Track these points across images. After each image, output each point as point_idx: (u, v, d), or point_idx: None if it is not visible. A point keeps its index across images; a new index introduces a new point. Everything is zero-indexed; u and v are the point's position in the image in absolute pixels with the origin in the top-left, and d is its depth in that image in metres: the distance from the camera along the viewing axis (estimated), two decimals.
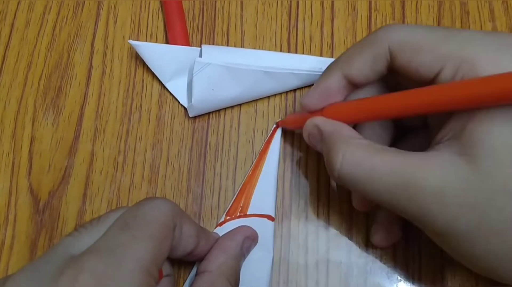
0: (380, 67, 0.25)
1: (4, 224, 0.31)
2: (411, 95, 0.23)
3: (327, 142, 0.25)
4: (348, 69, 0.25)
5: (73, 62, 0.35)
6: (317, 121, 0.27)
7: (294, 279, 0.30)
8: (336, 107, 0.26)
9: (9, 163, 0.32)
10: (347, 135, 0.25)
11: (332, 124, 0.26)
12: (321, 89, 0.26)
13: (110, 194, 0.32)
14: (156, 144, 0.33)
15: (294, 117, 0.31)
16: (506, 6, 0.36)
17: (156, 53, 0.33)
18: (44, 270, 0.21)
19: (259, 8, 0.36)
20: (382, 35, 0.24)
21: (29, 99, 0.34)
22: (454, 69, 0.22)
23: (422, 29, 0.23)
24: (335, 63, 0.26)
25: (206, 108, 0.32)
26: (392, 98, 0.24)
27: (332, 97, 0.26)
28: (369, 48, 0.24)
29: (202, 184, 0.32)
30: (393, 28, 0.24)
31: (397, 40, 0.23)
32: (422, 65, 0.23)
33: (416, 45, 0.23)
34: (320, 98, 0.27)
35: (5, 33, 0.35)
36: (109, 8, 0.36)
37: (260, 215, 0.30)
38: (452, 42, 0.22)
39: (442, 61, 0.22)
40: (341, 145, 0.24)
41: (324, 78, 0.26)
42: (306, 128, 0.27)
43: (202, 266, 0.27)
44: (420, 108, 0.22)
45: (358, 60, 0.25)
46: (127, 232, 0.22)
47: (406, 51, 0.23)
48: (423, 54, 0.23)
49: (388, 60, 0.24)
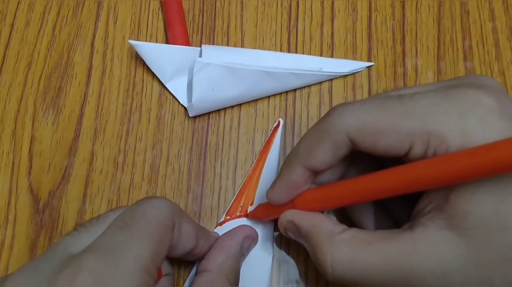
0: (342, 153, 0.23)
1: (4, 224, 0.31)
2: (385, 177, 0.22)
3: (308, 240, 0.24)
4: (310, 161, 0.24)
5: (73, 62, 0.35)
6: (291, 216, 0.26)
7: (294, 279, 0.30)
8: (308, 197, 0.25)
9: (9, 163, 0.32)
10: (328, 231, 0.24)
11: (308, 218, 0.25)
12: (286, 184, 0.25)
13: (110, 194, 0.32)
14: (156, 143, 0.33)
15: (264, 209, 0.29)
16: (506, 6, 0.36)
17: (156, 53, 0.33)
18: (43, 269, 0.21)
19: (259, 8, 0.36)
20: (337, 123, 0.23)
21: (29, 99, 0.34)
22: (424, 145, 0.21)
23: (375, 107, 0.22)
24: (294, 157, 0.25)
25: (206, 108, 0.32)
26: (367, 182, 0.23)
27: (298, 189, 0.25)
28: (326, 138, 0.23)
29: (202, 184, 0.32)
30: (345, 113, 0.23)
31: (355, 127, 0.22)
32: (389, 147, 0.22)
33: (376, 128, 0.22)
34: (287, 193, 0.26)
35: (5, 33, 0.35)
36: (109, 8, 0.36)
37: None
38: (413, 119, 0.21)
39: (409, 140, 0.21)
40: (326, 246, 0.23)
41: (286, 173, 0.25)
42: (281, 223, 0.26)
43: (202, 266, 0.27)
44: (396, 190, 0.21)
45: (318, 151, 0.24)
46: (126, 231, 0.22)
47: (367, 136, 0.22)
48: (387, 137, 0.22)
49: (350, 147, 0.23)
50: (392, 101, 0.22)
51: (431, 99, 0.21)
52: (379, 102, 0.22)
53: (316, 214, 0.25)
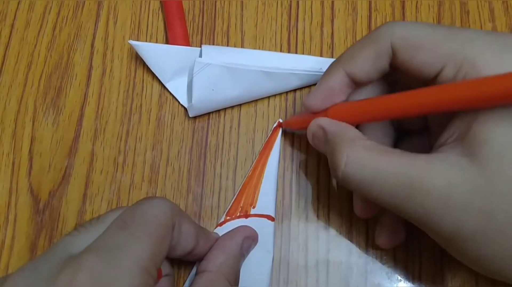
0: (383, 64, 0.24)
1: (4, 224, 0.31)
2: (415, 95, 0.22)
3: (331, 143, 0.25)
4: (351, 67, 0.25)
5: (73, 63, 0.35)
6: (322, 122, 0.26)
7: (294, 279, 0.30)
8: (341, 108, 0.26)
9: (9, 163, 0.32)
10: (352, 136, 0.25)
11: (336, 125, 0.26)
12: (324, 88, 0.26)
13: (110, 194, 0.32)
14: (156, 144, 0.33)
15: (297, 118, 0.30)
16: (506, 6, 0.36)
17: (156, 53, 0.33)
18: (43, 269, 0.21)
19: (259, 8, 0.36)
20: (384, 31, 0.24)
21: (29, 99, 0.34)
22: (456, 68, 0.22)
23: (425, 26, 0.23)
24: (337, 62, 0.26)
25: (206, 108, 0.32)
26: (396, 99, 0.23)
27: (335, 96, 0.26)
28: (371, 45, 0.24)
29: (202, 184, 0.32)
30: (396, 24, 0.24)
31: (400, 37, 0.23)
32: (423, 63, 0.23)
33: (418, 42, 0.23)
34: (323, 98, 0.26)
35: (5, 33, 0.35)
36: (109, 8, 0.36)
37: (260, 215, 0.30)
38: (454, 41, 0.22)
39: (444, 60, 0.22)
40: (345, 146, 0.24)
41: (326, 77, 0.26)
42: (310, 129, 0.27)
43: (202, 266, 0.27)
44: (425, 108, 0.22)
45: (360, 57, 0.25)
46: (126, 231, 0.22)
47: (408, 48, 0.23)
48: (425, 52, 0.23)
49: (391, 57, 0.24)
50: (442, 26, 0.23)
51: (478, 32, 0.22)
52: (430, 24, 0.24)
53: (345, 124, 0.26)
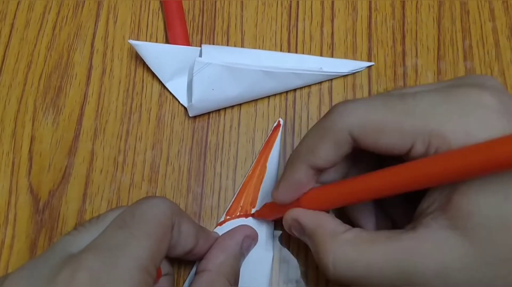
0: (344, 151, 0.23)
1: (4, 223, 0.31)
2: (390, 175, 0.22)
3: (312, 239, 0.24)
4: (313, 159, 0.24)
5: (73, 62, 0.35)
6: (296, 215, 0.26)
7: (294, 279, 0.30)
8: (313, 196, 0.25)
9: (9, 163, 0.32)
10: (331, 230, 0.24)
11: (312, 217, 0.25)
12: (290, 183, 0.25)
13: (110, 194, 0.32)
14: (156, 143, 0.33)
15: (269, 209, 0.29)
16: (506, 6, 0.36)
17: (156, 53, 0.33)
18: (43, 269, 0.21)
19: (259, 8, 0.36)
20: (339, 120, 0.23)
21: (29, 99, 0.34)
22: (425, 144, 0.21)
23: (378, 105, 0.22)
24: (297, 157, 0.25)
25: (206, 108, 0.32)
26: (371, 179, 0.23)
27: (303, 188, 0.25)
28: (329, 136, 0.23)
29: (202, 184, 0.32)
30: (348, 110, 0.23)
31: (357, 124, 0.22)
32: (390, 145, 0.22)
33: (378, 126, 0.22)
34: (291, 192, 0.26)
35: (5, 33, 0.35)
36: (109, 8, 0.36)
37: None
38: (414, 117, 0.21)
39: (411, 138, 0.21)
40: (329, 245, 0.23)
41: (290, 172, 0.25)
42: (286, 222, 0.26)
43: (202, 265, 0.27)
44: (403, 186, 0.21)
45: (321, 149, 0.24)
46: (125, 231, 0.22)
47: (369, 134, 0.22)
48: (388, 135, 0.22)
49: (352, 144, 0.23)
50: (394, 99, 0.22)
51: (433, 98, 0.22)
52: (381, 100, 0.22)
53: (320, 213, 0.25)
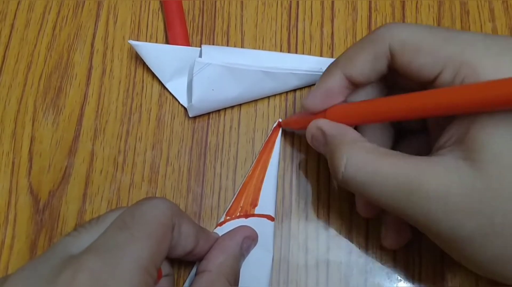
0: (381, 66, 0.24)
1: (4, 224, 0.31)
2: (413, 99, 0.22)
3: (330, 145, 0.25)
4: (349, 68, 0.25)
5: (73, 62, 0.35)
6: (321, 124, 0.26)
7: (294, 279, 0.30)
8: (340, 109, 0.26)
9: (9, 163, 0.32)
10: (351, 138, 0.25)
11: (336, 127, 0.26)
12: (323, 90, 0.26)
13: (110, 194, 0.32)
14: (156, 143, 0.33)
15: (297, 118, 0.30)
16: (506, 6, 0.36)
17: (156, 53, 0.33)
18: (43, 270, 0.21)
19: (259, 8, 0.36)
20: (383, 33, 0.24)
21: (29, 99, 0.34)
22: (455, 72, 0.22)
23: (423, 29, 0.23)
24: (335, 63, 0.26)
25: (206, 108, 0.32)
26: (394, 102, 0.23)
27: (334, 98, 0.26)
28: (370, 47, 0.24)
29: (202, 184, 0.32)
30: (394, 26, 0.24)
31: (398, 39, 0.23)
32: (422, 67, 0.23)
33: (416, 45, 0.23)
34: (322, 99, 0.26)
35: (5, 33, 0.35)
36: (109, 8, 0.36)
37: (260, 215, 0.30)
38: (453, 45, 0.22)
39: (442, 64, 0.22)
40: (345, 148, 0.24)
41: (325, 78, 0.26)
42: (310, 130, 0.27)
43: (202, 266, 0.27)
44: (423, 112, 0.22)
45: (359, 59, 0.25)
46: (126, 232, 0.22)
47: (407, 51, 0.23)
48: (423, 55, 0.23)
49: (389, 59, 0.24)
50: (440, 28, 0.23)
51: (476, 35, 0.22)
52: (428, 26, 0.24)
53: (344, 125, 0.26)
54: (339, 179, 0.24)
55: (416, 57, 0.23)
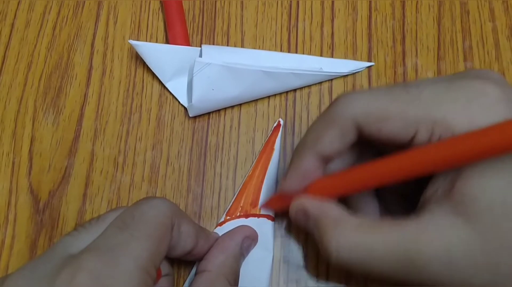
0: (349, 139, 0.24)
1: (4, 224, 0.31)
2: (395, 161, 0.22)
3: (317, 226, 0.25)
4: (319, 148, 0.24)
5: (73, 63, 0.35)
6: (302, 203, 0.26)
7: (294, 279, 0.30)
8: (319, 185, 0.26)
9: (9, 163, 0.32)
10: (336, 216, 0.24)
11: (318, 205, 0.25)
12: (298, 173, 0.25)
13: (110, 194, 0.32)
14: (156, 143, 0.33)
15: (278, 199, 0.29)
16: (506, 6, 0.36)
17: (156, 53, 0.33)
18: (43, 269, 0.21)
19: (259, 8, 0.36)
20: (343, 109, 0.23)
21: (29, 99, 0.34)
22: (429, 131, 0.21)
23: (381, 95, 0.23)
24: (303, 145, 0.25)
25: (206, 108, 0.32)
26: (376, 166, 0.23)
27: (310, 177, 0.25)
28: (334, 124, 0.24)
29: (202, 184, 0.32)
30: (352, 100, 0.23)
31: (360, 112, 0.23)
32: (393, 133, 0.22)
33: (382, 114, 0.22)
34: (299, 181, 0.26)
35: (5, 33, 0.35)
36: (109, 8, 0.36)
37: (260, 214, 0.30)
38: (418, 106, 0.22)
39: (414, 126, 0.21)
40: (333, 231, 0.23)
41: (297, 161, 0.25)
42: (292, 211, 0.26)
43: (202, 266, 0.27)
44: (409, 173, 0.22)
45: (326, 138, 0.24)
46: (125, 231, 0.22)
47: (373, 122, 0.22)
48: (392, 123, 0.22)
49: (356, 132, 0.23)
50: (398, 89, 0.23)
51: (437, 87, 0.22)
52: (385, 90, 0.23)
53: (326, 202, 0.25)
54: (333, 263, 0.23)
55: (385, 126, 0.22)
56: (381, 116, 0.22)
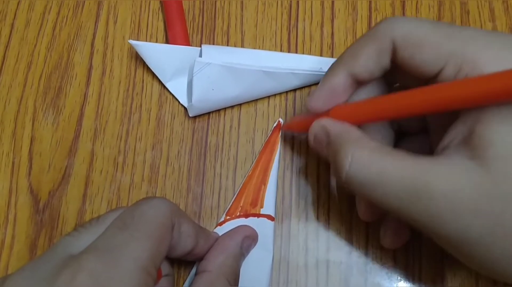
0: (384, 61, 0.24)
1: (4, 224, 0.31)
2: (418, 94, 0.22)
3: (334, 144, 0.25)
4: (353, 66, 0.25)
5: (73, 62, 0.35)
6: (324, 123, 0.26)
7: (294, 279, 0.30)
8: (344, 108, 0.26)
9: (9, 163, 0.32)
10: (356, 137, 0.24)
11: (339, 126, 0.25)
12: (327, 89, 0.26)
13: (110, 194, 0.32)
14: (156, 143, 0.33)
15: (298, 120, 0.30)
16: (506, 6, 0.36)
17: (156, 53, 0.33)
18: (43, 270, 0.21)
19: (259, 8, 0.36)
20: (385, 28, 0.24)
21: (29, 99, 0.34)
22: (457, 67, 0.21)
23: (426, 23, 0.23)
24: (338, 61, 0.26)
25: (206, 108, 0.32)
26: (399, 98, 0.23)
27: (338, 97, 0.26)
28: (372, 42, 0.24)
29: (202, 184, 0.32)
30: (396, 21, 0.24)
31: (401, 34, 0.23)
32: (424, 62, 0.22)
33: (419, 41, 0.23)
34: (326, 99, 0.26)
35: (5, 33, 0.35)
36: (109, 8, 0.36)
37: (260, 214, 0.30)
38: (455, 40, 0.22)
39: (444, 59, 0.22)
40: (349, 146, 0.23)
41: (329, 77, 0.26)
42: (312, 130, 0.26)
43: (202, 266, 0.27)
44: (429, 106, 0.22)
45: (362, 56, 0.24)
46: (125, 232, 0.22)
47: (409, 46, 0.23)
48: (425, 51, 0.22)
49: (392, 54, 0.24)
50: (442, 24, 0.23)
51: (478, 31, 0.22)
52: (431, 22, 0.23)
53: (348, 124, 0.25)
54: (343, 177, 0.23)
55: (418, 53, 0.23)
56: (418, 43, 0.23)
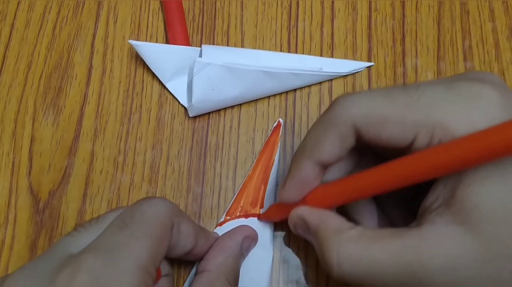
0: (349, 143, 0.23)
1: (4, 224, 0.31)
2: (394, 168, 0.21)
3: (316, 236, 0.24)
4: (318, 154, 0.24)
5: (73, 62, 0.35)
6: (301, 212, 0.25)
7: (294, 279, 0.30)
8: (318, 194, 0.25)
9: (9, 163, 0.32)
10: (334, 227, 0.24)
11: (317, 215, 0.25)
12: (297, 181, 0.25)
13: (110, 194, 0.32)
14: (156, 143, 0.33)
15: (276, 209, 0.29)
16: (506, 6, 0.36)
17: (156, 53, 0.33)
18: (43, 269, 0.21)
19: (259, 8, 0.36)
20: (342, 112, 0.23)
21: (29, 99, 0.34)
22: (429, 135, 0.21)
23: (381, 97, 0.22)
24: (302, 151, 0.25)
25: (206, 108, 0.32)
26: (375, 173, 0.22)
27: (310, 185, 0.25)
28: (332, 129, 0.23)
29: (202, 184, 0.32)
30: (350, 102, 0.23)
31: (359, 116, 0.22)
32: (392, 137, 0.22)
33: (380, 118, 0.22)
34: (298, 190, 0.25)
35: (5, 33, 0.35)
36: (109, 8, 0.36)
37: (260, 215, 0.30)
38: (417, 110, 0.21)
39: (413, 130, 0.21)
40: (333, 243, 0.23)
41: (296, 169, 0.25)
42: (291, 220, 0.26)
43: (201, 266, 0.27)
44: (410, 179, 0.21)
45: (325, 144, 0.23)
46: (125, 231, 0.22)
47: (372, 126, 0.22)
48: (391, 126, 0.22)
49: (355, 136, 0.23)
50: (396, 91, 0.22)
51: (436, 90, 0.22)
52: (384, 92, 0.22)
53: (325, 211, 0.25)
54: (334, 276, 0.23)
55: (383, 130, 0.22)
56: (380, 120, 0.22)
